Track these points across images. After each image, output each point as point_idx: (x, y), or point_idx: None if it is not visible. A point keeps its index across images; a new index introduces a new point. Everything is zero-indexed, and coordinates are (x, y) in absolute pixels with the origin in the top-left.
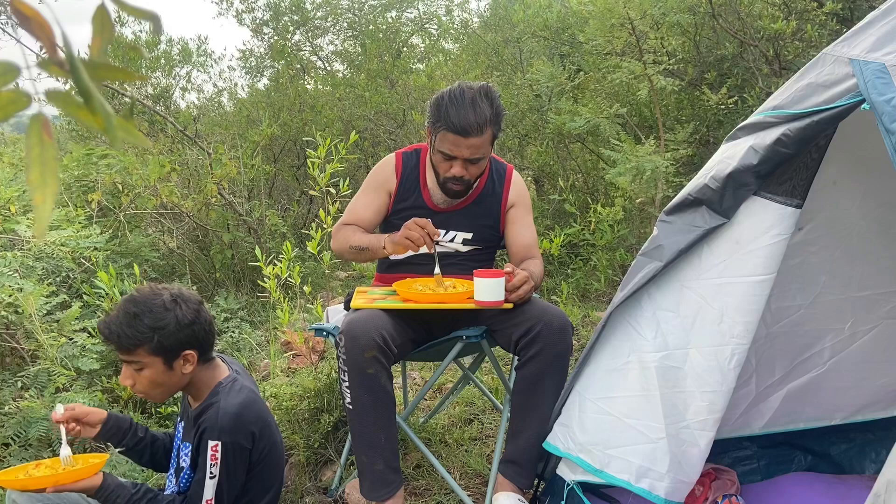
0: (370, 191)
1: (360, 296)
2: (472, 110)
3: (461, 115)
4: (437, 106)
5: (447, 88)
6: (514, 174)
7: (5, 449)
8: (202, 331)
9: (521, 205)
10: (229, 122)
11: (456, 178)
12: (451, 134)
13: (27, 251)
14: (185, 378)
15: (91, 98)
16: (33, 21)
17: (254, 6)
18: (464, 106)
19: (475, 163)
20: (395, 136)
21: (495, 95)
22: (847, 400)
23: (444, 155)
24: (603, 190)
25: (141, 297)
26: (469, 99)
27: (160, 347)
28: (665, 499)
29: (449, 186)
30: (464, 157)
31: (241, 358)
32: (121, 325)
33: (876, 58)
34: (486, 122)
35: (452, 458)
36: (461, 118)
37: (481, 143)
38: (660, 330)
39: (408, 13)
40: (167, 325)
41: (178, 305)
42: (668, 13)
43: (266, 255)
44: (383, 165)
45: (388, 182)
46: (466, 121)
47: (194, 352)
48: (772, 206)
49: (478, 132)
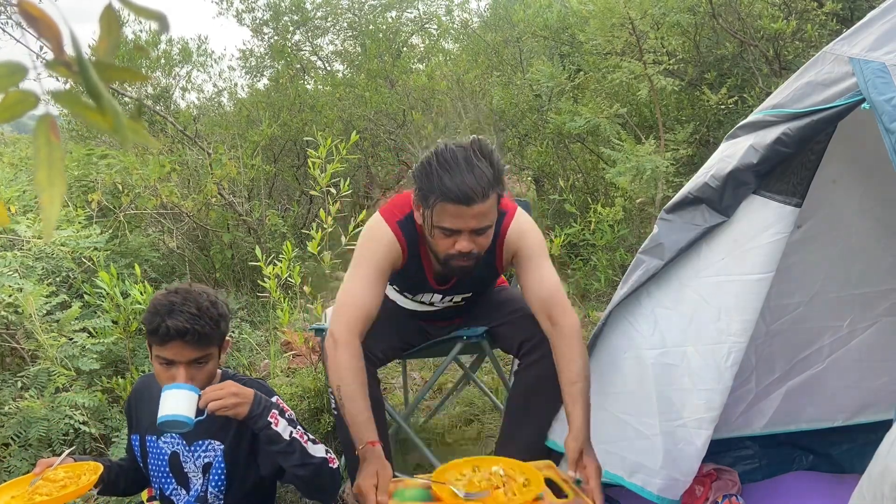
0: (375, 272)
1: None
2: (471, 172)
3: (458, 180)
4: (425, 175)
5: (431, 152)
6: (512, 222)
7: (5, 449)
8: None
9: (526, 253)
10: (229, 122)
11: (462, 253)
12: (450, 205)
13: (27, 251)
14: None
15: (101, 98)
16: (41, 22)
17: (254, 6)
18: (459, 169)
19: (483, 233)
20: (395, 136)
21: (491, 150)
22: (847, 400)
23: (445, 231)
24: (603, 190)
25: (196, 290)
26: (463, 160)
27: (223, 336)
28: (658, 495)
29: (454, 264)
30: (470, 229)
31: (242, 358)
32: (204, 320)
33: (876, 57)
34: (488, 185)
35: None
36: (460, 184)
37: (487, 210)
38: (657, 327)
39: (408, 13)
40: (226, 313)
41: (217, 296)
42: (668, 13)
43: (266, 255)
44: (387, 244)
45: (396, 262)
46: (467, 186)
47: (230, 338)
48: (771, 204)
49: (482, 197)
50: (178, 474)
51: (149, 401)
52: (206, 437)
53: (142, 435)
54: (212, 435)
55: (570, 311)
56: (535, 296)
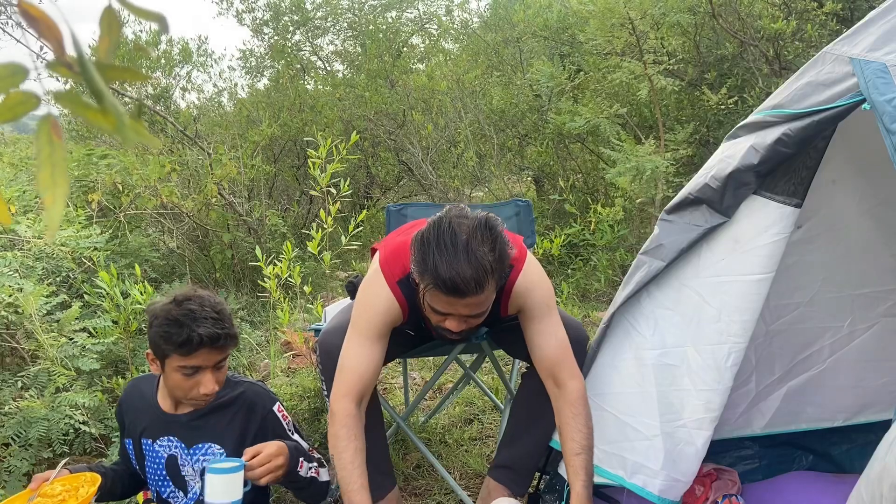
0: (374, 335)
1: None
2: (468, 261)
3: (453, 269)
4: (422, 252)
5: (436, 222)
6: (519, 277)
7: (5, 449)
8: None
9: (533, 310)
10: (229, 122)
11: (451, 331)
12: (441, 294)
13: (27, 251)
14: None
15: (103, 98)
16: (41, 22)
17: (254, 6)
18: (456, 256)
19: (476, 317)
20: (395, 136)
21: (497, 231)
22: (848, 400)
23: (435, 311)
24: (603, 190)
25: (202, 294)
26: (462, 245)
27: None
28: (659, 496)
29: (443, 335)
30: (461, 315)
31: (242, 358)
32: (226, 322)
33: (877, 57)
34: (485, 276)
35: (452, 458)
36: (454, 274)
37: (481, 300)
38: (658, 328)
39: (408, 13)
40: (230, 311)
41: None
42: (668, 13)
43: (266, 255)
44: (385, 309)
45: (396, 321)
46: (461, 278)
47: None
48: (771, 205)
49: (476, 290)
50: (176, 477)
51: (140, 405)
52: (207, 441)
53: (135, 439)
54: (212, 439)
55: (577, 374)
56: (541, 357)
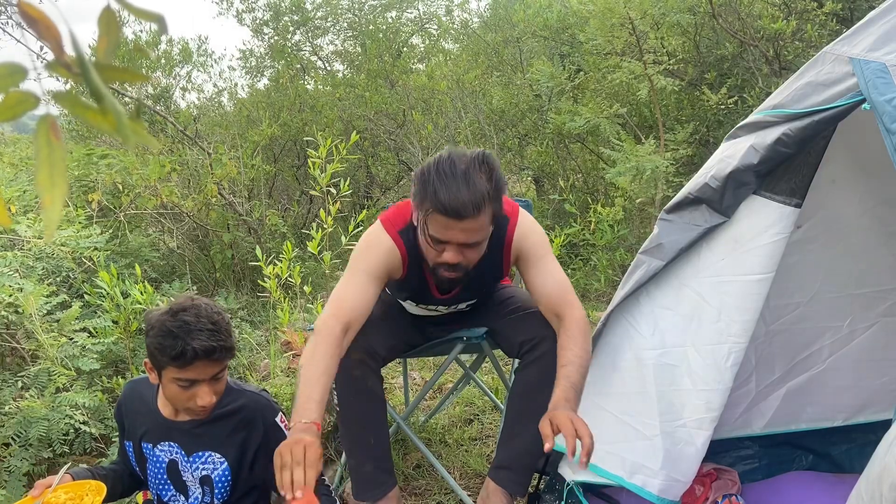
0: (368, 276)
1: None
2: (466, 186)
3: (452, 193)
4: (422, 181)
5: (435, 157)
6: (517, 225)
7: (6, 449)
8: None
9: (531, 255)
10: (229, 122)
11: (449, 265)
12: (441, 216)
13: (27, 251)
14: None
15: (103, 99)
16: (40, 23)
17: (254, 6)
18: (455, 181)
19: (472, 247)
20: (395, 136)
21: (494, 165)
22: (848, 400)
23: (433, 239)
24: (603, 190)
25: (199, 303)
26: (461, 172)
27: (235, 345)
28: (659, 496)
29: (441, 274)
30: (458, 242)
31: (242, 358)
32: (223, 334)
33: (876, 57)
34: (483, 200)
35: (452, 458)
36: (452, 197)
37: (478, 227)
38: (657, 327)
39: (408, 13)
40: (229, 320)
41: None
42: (668, 13)
43: (266, 255)
44: (384, 252)
45: (394, 271)
46: (459, 200)
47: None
48: (771, 205)
49: (473, 212)
50: (177, 482)
51: (140, 409)
52: (207, 449)
53: (136, 442)
54: (213, 447)
55: (577, 305)
56: (542, 295)
